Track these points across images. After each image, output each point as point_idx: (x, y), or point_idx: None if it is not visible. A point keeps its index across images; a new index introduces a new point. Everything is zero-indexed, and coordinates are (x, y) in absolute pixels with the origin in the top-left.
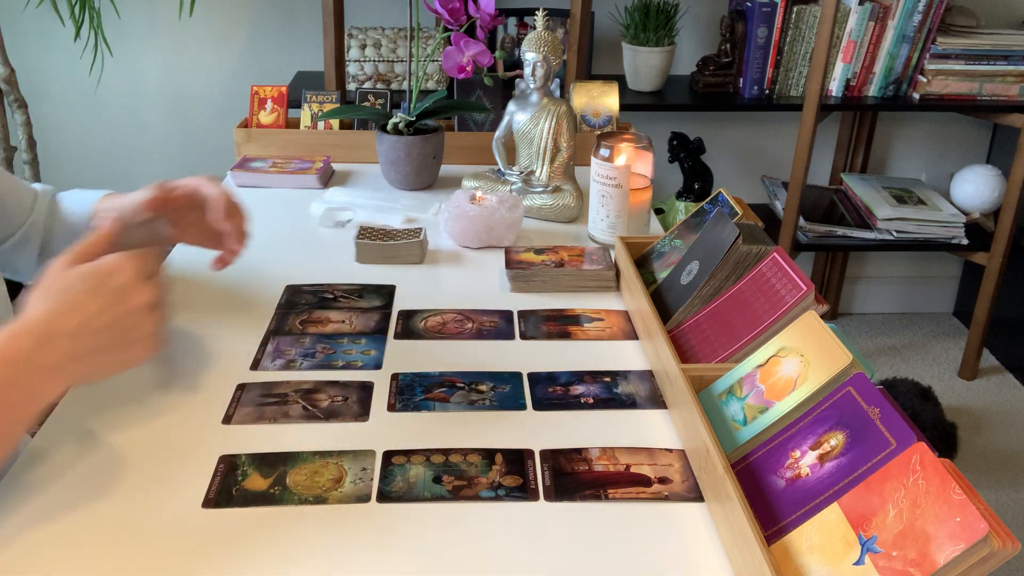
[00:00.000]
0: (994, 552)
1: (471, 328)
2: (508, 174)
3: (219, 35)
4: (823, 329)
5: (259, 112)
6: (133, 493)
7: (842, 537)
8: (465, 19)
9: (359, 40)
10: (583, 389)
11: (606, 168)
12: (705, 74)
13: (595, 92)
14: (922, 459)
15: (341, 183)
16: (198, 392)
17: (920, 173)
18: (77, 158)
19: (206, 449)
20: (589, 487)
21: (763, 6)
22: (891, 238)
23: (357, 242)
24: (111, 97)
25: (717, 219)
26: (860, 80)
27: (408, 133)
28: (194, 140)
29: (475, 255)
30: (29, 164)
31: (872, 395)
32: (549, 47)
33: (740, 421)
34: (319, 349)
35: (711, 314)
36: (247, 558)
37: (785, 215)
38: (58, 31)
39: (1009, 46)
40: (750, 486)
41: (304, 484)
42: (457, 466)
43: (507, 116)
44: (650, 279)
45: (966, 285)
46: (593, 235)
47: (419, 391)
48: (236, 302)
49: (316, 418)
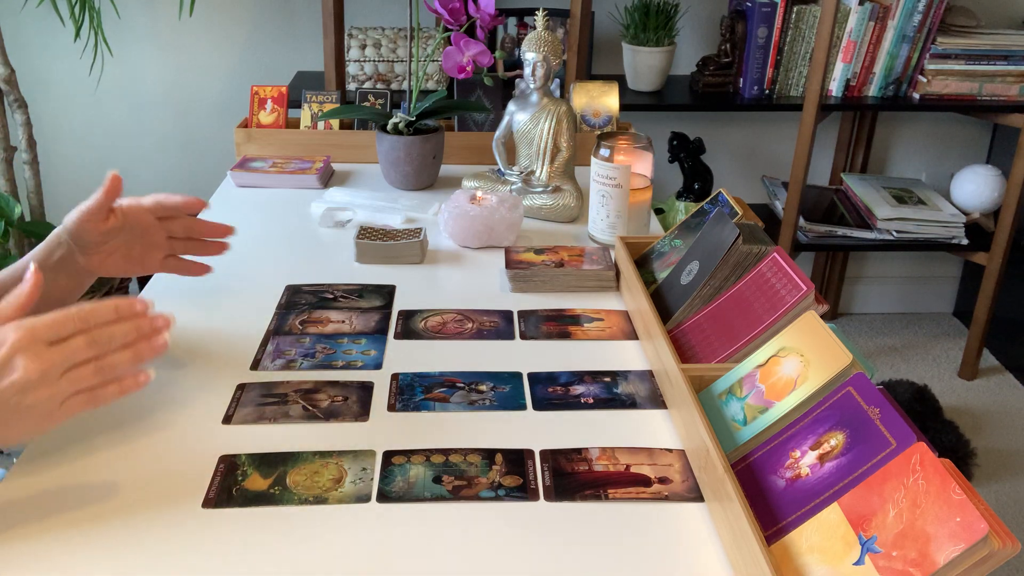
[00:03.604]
0: (994, 552)
1: (471, 328)
2: (508, 174)
3: (219, 35)
4: (823, 329)
5: (259, 112)
6: (133, 493)
7: (842, 537)
8: (465, 19)
9: (359, 40)
10: (583, 389)
11: (606, 168)
12: (705, 74)
13: (595, 92)
14: (922, 459)
15: (341, 183)
16: (198, 392)
17: (920, 173)
18: (77, 158)
19: (206, 449)
20: (589, 487)
21: (763, 6)
22: (891, 238)
23: (357, 242)
24: (111, 97)
25: (717, 219)
26: (860, 80)
27: (408, 133)
28: (194, 140)
29: (475, 255)
30: (29, 164)
31: (872, 395)
32: (549, 47)
33: (740, 421)
34: (319, 349)
35: (711, 314)
36: (247, 558)
37: (785, 215)
38: (58, 31)
39: (1009, 46)
40: (750, 486)
41: (304, 484)
42: (457, 466)
43: (507, 116)
44: (650, 279)
45: (966, 285)
46: (593, 235)
47: (419, 391)
48: (236, 302)
49: (316, 418)
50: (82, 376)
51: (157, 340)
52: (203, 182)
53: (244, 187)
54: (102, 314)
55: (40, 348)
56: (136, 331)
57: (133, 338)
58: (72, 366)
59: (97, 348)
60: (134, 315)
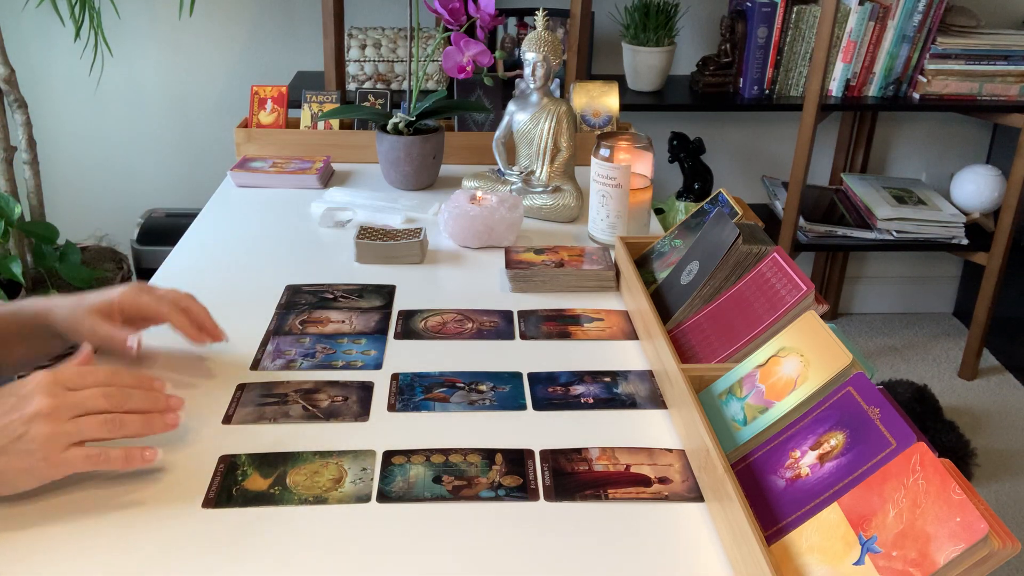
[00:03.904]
0: (994, 552)
1: (471, 328)
2: (508, 174)
3: (219, 35)
4: (823, 329)
5: (259, 112)
6: (133, 493)
7: (842, 537)
8: (465, 19)
9: (359, 40)
10: (583, 389)
11: (606, 168)
12: (705, 74)
13: (595, 92)
14: (922, 459)
15: (341, 183)
16: (198, 392)
17: (920, 173)
18: (77, 158)
19: (206, 449)
20: (589, 487)
21: (763, 6)
22: (891, 238)
23: (357, 242)
24: (111, 97)
25: (717, 219)
26: (860, 80)
27: (408, 133)
28: (194, 140)
29: (475, 255)
30: (29, 164)
31: (872, 395)
32: (549, 47)
33: (740, 421)
34: (319, 349)
35: (711, 314)
36: (247, 558)
37: (785, 215)
38: (58, 31)
39: (1009, 46)
40: (750, 486)
41: (304, 484)
42: (457, 466)
43: (507, 116)
44: (650, 279)
45: (966, 285)
46: (593, 235)
47: (419, 391)
48: (236, 302)
49: (316, 418)
50: (90, 425)
51: (169, 416)
52: (203, 182)
53: (244, 187)
54: (123, 377)
55: (58, 389)
56: (152, 402)
57: (147, 407)
58: (83, 412)
59: (111, 403)
60: (152, 388)
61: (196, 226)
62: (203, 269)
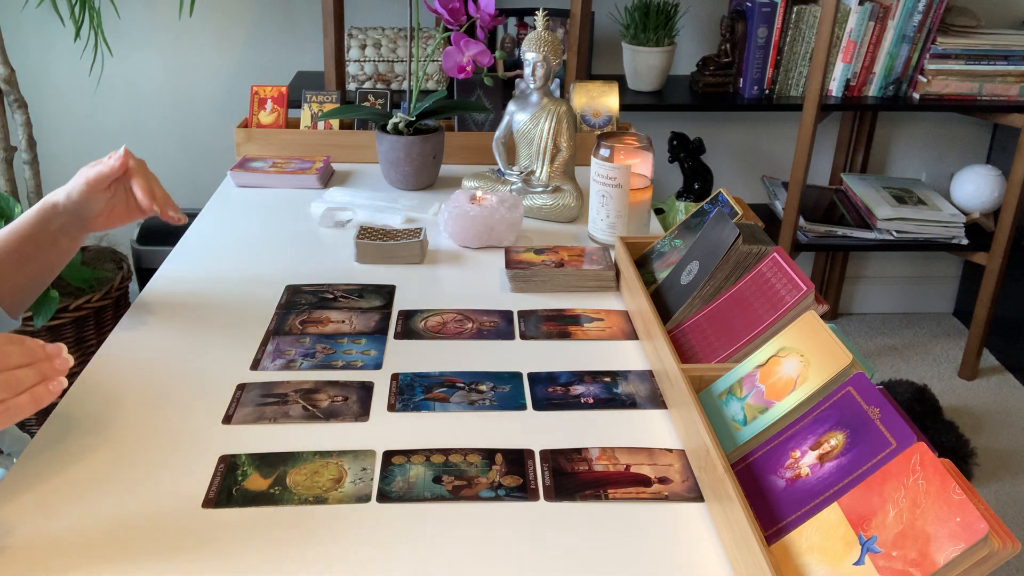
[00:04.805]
0: (994, 552)
1: (471, 328)
2: (508, 174)
3: (219, 35)
4: (823, 329)
5: (259, 112)
6: (133, 493)
7: (842, 537)
8: (465, 19)
9: (359, 40)
10: (583, 389)
11: (606, 168)
12: (705, 74)
13: (595, 92)
14: (922, 459)
15: (341, 183)
16: (198, 392)
17: (920, 173)
18: (77, 158)
19: (206, 449)
20: (589, 487)
21: (763, 6)
22: (891, 238)
23: (357, 242)
24: (111, 97)
25: (717, 219)
26: (860, 80)
27: (408, 133)
28: (194, 140)
29: (475, 255)
30: (29, 164)
31: (872, 395)
32: (549, 47)
33: (740, 421)
34: (319, 349)
35: (711, 314)
36: (247, 558)
37: (785, 215)
38: (58, 31)
39: (1009, 46)
40: (750, 486)
41: (304, 484)
42: (457, 466)
43: (507, 116)
44: (650, 279)
45: (966, 285)
46: (593, 235)
47: (419, 391)
48: (236, 302)
49: (316, 418)
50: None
51: (53, 384)
52: (203, 182)
53: (244, 187)
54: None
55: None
56: (39, 374)
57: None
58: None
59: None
60: (38, 358)
61: (196, 226)
62: (203, 269)
